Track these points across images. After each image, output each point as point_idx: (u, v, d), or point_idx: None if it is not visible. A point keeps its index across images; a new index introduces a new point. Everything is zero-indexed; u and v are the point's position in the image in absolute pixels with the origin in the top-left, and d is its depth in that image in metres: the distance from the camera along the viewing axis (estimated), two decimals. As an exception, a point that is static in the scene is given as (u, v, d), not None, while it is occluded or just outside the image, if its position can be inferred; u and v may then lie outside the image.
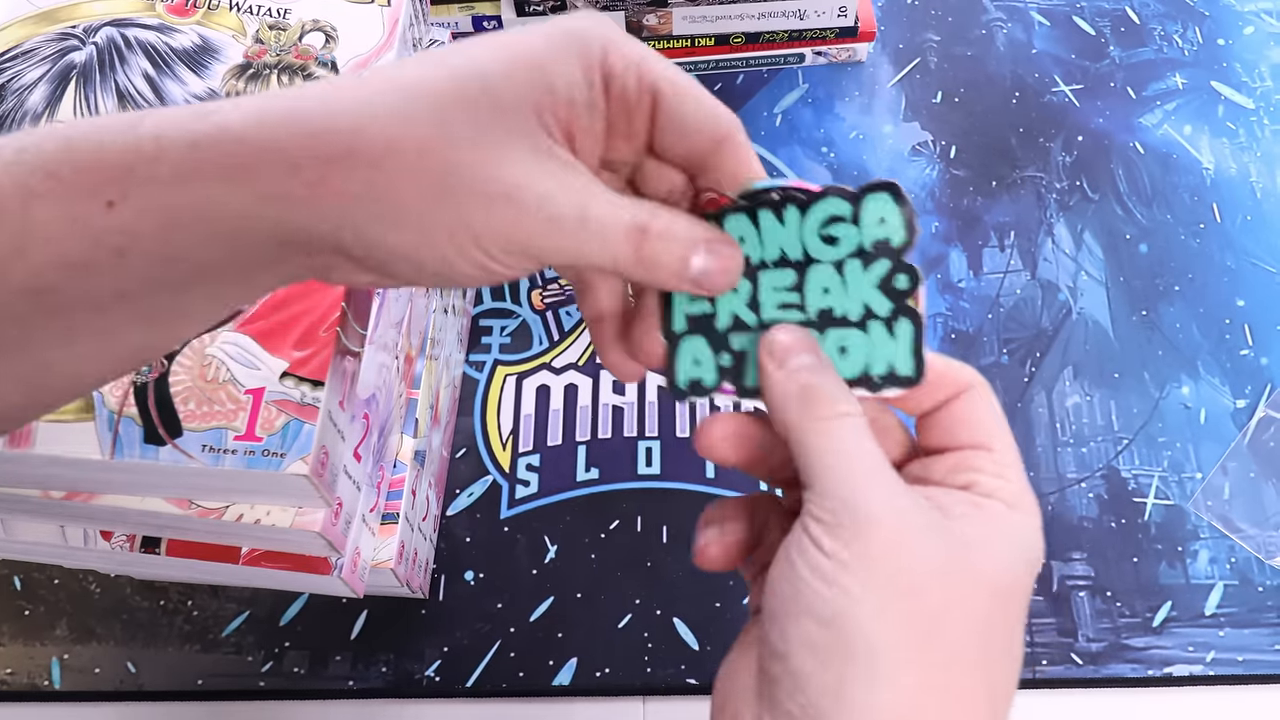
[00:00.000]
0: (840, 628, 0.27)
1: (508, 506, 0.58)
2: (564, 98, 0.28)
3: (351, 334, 0.38)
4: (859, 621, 0.27)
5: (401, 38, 0.43)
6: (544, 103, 0.27)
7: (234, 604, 0.55)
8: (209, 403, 0.35)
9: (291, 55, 0.41)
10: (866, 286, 0.31)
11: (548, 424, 0.60)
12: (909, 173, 0.68)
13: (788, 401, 0.30)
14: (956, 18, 0.74)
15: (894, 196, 0.30)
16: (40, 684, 0.53)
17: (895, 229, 0.30)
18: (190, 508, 0.37)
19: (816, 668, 0.27)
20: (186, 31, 0.41)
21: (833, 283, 0.31)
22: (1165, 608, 0.55)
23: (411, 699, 0.54)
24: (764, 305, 0.31)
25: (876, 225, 0.30)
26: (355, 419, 0.41)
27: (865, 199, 0.30)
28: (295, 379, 0.36)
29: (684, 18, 0.68)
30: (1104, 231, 0.66)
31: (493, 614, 0.55)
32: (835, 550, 0.28)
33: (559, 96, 0.28)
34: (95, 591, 0.55)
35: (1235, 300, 0.64)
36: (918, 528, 0.28)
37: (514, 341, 0.62)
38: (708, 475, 0.58)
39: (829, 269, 0.31)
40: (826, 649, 0.27)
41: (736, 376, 0.32)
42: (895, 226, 0.30)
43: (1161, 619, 0.55)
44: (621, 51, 0.28)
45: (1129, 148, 0.69)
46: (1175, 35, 0.74)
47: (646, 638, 0.54)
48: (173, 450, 0.35)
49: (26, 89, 0.39)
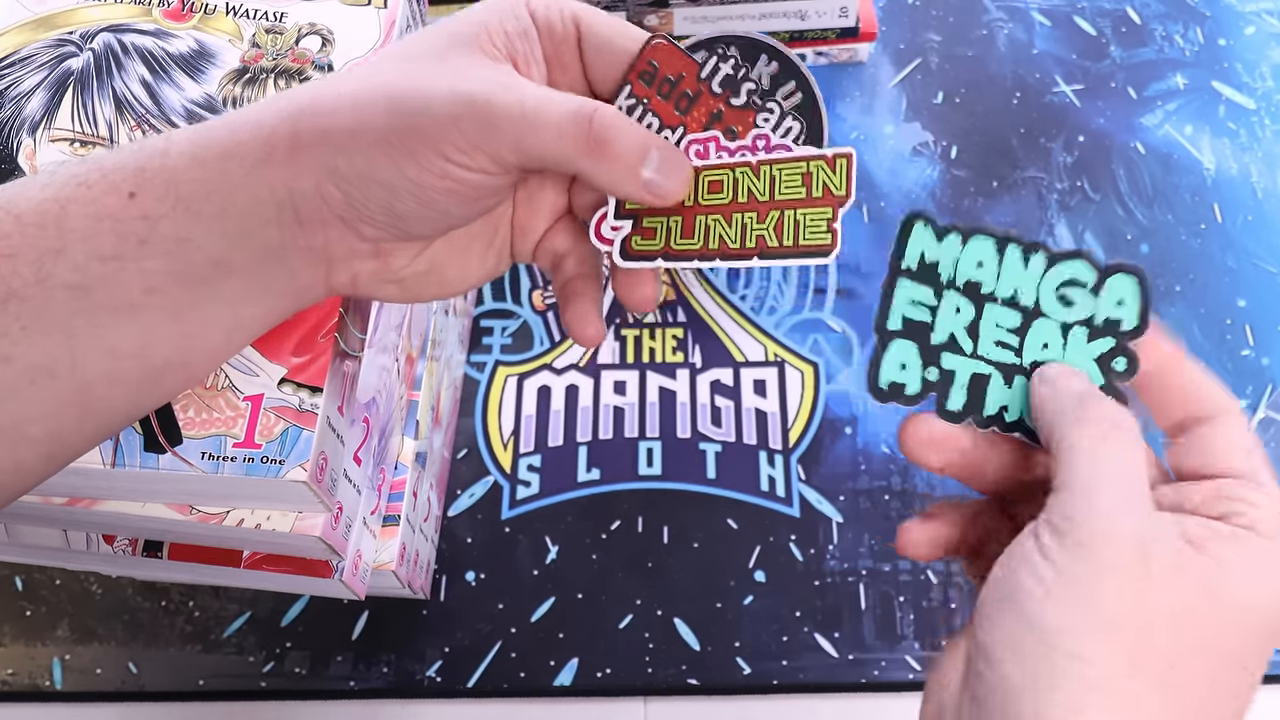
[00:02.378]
0: (1047, 637, 0.27)
1: (509, 507, 0.58)
2: (497, 29, 0.32)
3: (350, 338, 0.38)
4: (1065, 636, 0.27)
5: (399, 40, 0.43)
6: (480, 35, 0.32)
7: (235, 604, 0.55)
8: (208, 410, 0.35)
9: (288, 59, 0.41)
10: (1085, 357, 0.32)
11: (549, 425, 0.60)
12: (909, 173, 0.68)
13: (1063, 405, 0.30)
14: (957, 18, 0.74)
15: (1141, 285, 0.31)
16: (41, 684, 0.54)
17: (1130, 315, 0.31)
18: (191, 513, 0.37)
19: (1017, 671, 0.27)
20: (183, 37, 0.41)
21: (1054, 341, 0.32)
22: (1165, 609, 0.55)
23: (413, 699, 0.54)
24: (983, 337, 0.32)
25: (1114, 305, 0.31)
26: (355, 423, 0.42)
27: (1114, 276, 0.31)
28: (293, 385, 0.36)
29: (685, 18, 0.68)
30: (1105, 232, 0.66)
31: (494, 614, 0.55)
32: (1061, 559, 0.27)
33: (493, 30, 0.32)
34: (97, 592, 0.55)
35: (1236, 301, 0.63)
36: (1164, 562, 0.27)
37: (515, 342, 0.62)
38: (709, 476, 0.58)
39: (1055, 327, 0.32)
40: (1032, 655, 0.27)
41: (942, 395, 0.33)
42: (1131, 313, 0.31)
43: (1161, 620, 0.55)
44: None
45: (1130, 148, 0.69)
46: (1176, 35, 0.73)
47: (648, 638, 0.54)
48: (172, 458, 0.35)
49: (24, 96, 0.39)
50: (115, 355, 0.29)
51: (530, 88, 0.31)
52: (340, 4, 0.42)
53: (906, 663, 0.53)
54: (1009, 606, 0.28)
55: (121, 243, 0.29)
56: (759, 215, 0.33)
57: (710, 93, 0.33)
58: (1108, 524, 0.27)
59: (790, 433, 0.59)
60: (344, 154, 0.30)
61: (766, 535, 0.57)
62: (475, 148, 0.30)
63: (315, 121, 0.30)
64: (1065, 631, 0.27)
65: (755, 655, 0.54)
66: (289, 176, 0.30)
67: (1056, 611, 0.27)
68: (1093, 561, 0.27)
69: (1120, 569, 0.27)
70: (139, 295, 0.29)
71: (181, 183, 0.29)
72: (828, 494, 0.58)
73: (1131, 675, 0.27)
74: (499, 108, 0.30)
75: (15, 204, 0.28)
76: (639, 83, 0.33)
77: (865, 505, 0.58)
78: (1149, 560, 0.27)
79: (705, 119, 0.33)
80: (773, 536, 0.57)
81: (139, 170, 0.29)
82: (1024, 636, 0.27)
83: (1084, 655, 0.26)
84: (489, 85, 0.30)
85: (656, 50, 0.32)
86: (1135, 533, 0.27)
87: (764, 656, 0.54)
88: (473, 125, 0.29)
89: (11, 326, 0.27)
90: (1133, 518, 0.28)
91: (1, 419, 0.28)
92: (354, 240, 0.31)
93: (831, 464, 0.59)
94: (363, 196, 0.30)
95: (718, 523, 0.57)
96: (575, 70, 0.34)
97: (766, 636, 0.54)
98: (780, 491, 0.58)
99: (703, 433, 0.59)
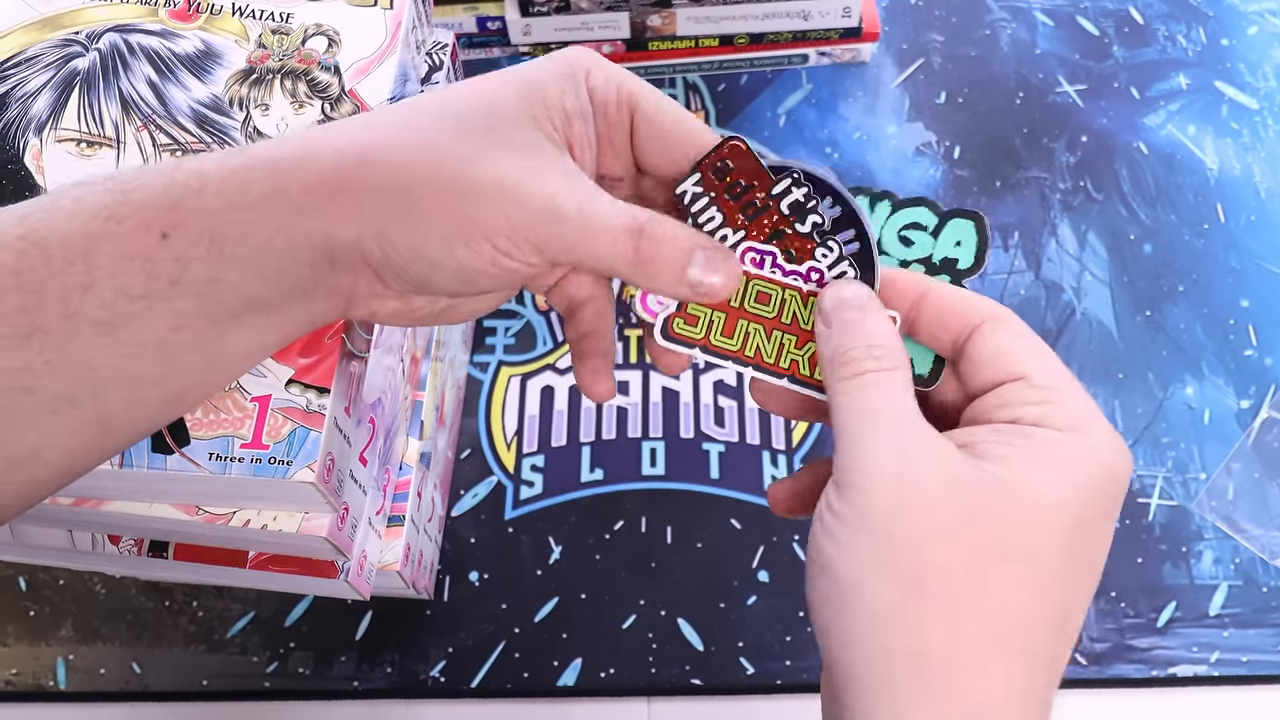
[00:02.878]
0: (839, 580, 0.28)
1: (512, 507, 0.58)
2: (557, 106, 0.31)
3: (357, 339, 0.38)
4: (852, 574, 0.28)
5: (404, 40, 0.43)
6: (540, 113, 0.31)
7: (239, 605, 0.55)
8: (215, 411, 0.35)
9: (294, 60, 0.41)
10: None
11: (552, 425, 0.60)
12: (913, 173, 0.68)
13: (830, 350, 0.31)
14: (960, 18, 0.74)
15: (977, 226, 0.33)
16: (45, 684, 0.54)
17: (967, 255, 0.33)
18: (197, 513, 0.37)
19: (831, 619, 0.29)
20: (189, 37, 0.41)
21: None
22: (1170, 608, 0.55)
23: (416, 699, 0.54)
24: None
25: (952, 245, 0.33)
26: (361, 423, 0.42)
27: (952, 219, 0.33)
28: (301, 386, 0.36)
29: (688, 18, 0.68)
30: (1108, 232, 0.66)
31: (497, 614, 0.55)
32: (840, 509, 0.29)
33: (553, 106, 0.31)
34: (100, 592, 0.55)
35: (1239, 301, 0.64)
36: (928, 484, 0.28)
37: (518, 342, 0.62)
38: (712, 476, 0.58)
39: (894, 264, 0.34)
40: (835, 601, 0.28)
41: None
42: (969, 253, 0.33)
43: (1166, 619, 0.55)
44: (603, 70, 0.32)
45: (1133, 148, 0.69)
46: (1179, 35, 0.73)
47: (651, 638, 0.54)
48: (180, 458, 0.35)
49: (30, 96, 0.39)
50: (137, 383, 0.29)
51: (586, 190, 0.30)
52: (346, 5, 0.42)
53: (910, 663, 0.53)
54: (813, 562, 0.29)
55: (152, 283, 0.28)
56: (798, 340, 0.33)
57: (779, 211, 0.33)
58: (873, 465, 0.28)
59: (793, 432, 0.59)
60: (398, 224, 0.29)
61: (770, 535, 0.57)
62: (528, 243, 0.30)
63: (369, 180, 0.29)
64: (844, 569, 0.28)
65: (759, 655, 0.54)
66: (330, 226, 0.29)
67: (837, 554, 0.28)
68: (858, 501, 0.28)
69: (881, 503, 0.28)
70: (166, 332, 0.29)
71: (217, 226, 0.29)
72: (831, 494, 0.58)
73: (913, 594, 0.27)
74: (560, 212, 0.29)
75: (42, 235, 0.28)
76: (709, 176, 0.32)
77: (869, 505, 0.57)
78: (908, 488, 0.28)
79: (768, 233, 0.33)
80: (776, 536, 0.57)
81: (172, 209, 0.28)
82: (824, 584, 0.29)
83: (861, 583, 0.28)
84: (549, 183, 0.30)
85: (734, 151, 0.32)
86: (894, 466, 0.28)
87: (768, 656, 0.54)
88: (529, 224, 0.29)
89: (35, 361, 0.27)
90: (892, 453, 0.28)
91: (21, 446, 0.28)
92: (381, 288, 0.31)
93: (835, 464, 0.59)
94: (403, 263, 0.30)
95: (721, 523, 0.57)
96: (625, 153, 0.33)
97: (770, 636, 0.54)
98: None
99: (706, 433, 0.59)
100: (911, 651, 0.27)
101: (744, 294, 0.33)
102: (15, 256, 0.27)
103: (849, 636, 0.28)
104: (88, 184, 0.29)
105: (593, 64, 0.32)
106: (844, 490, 0.29)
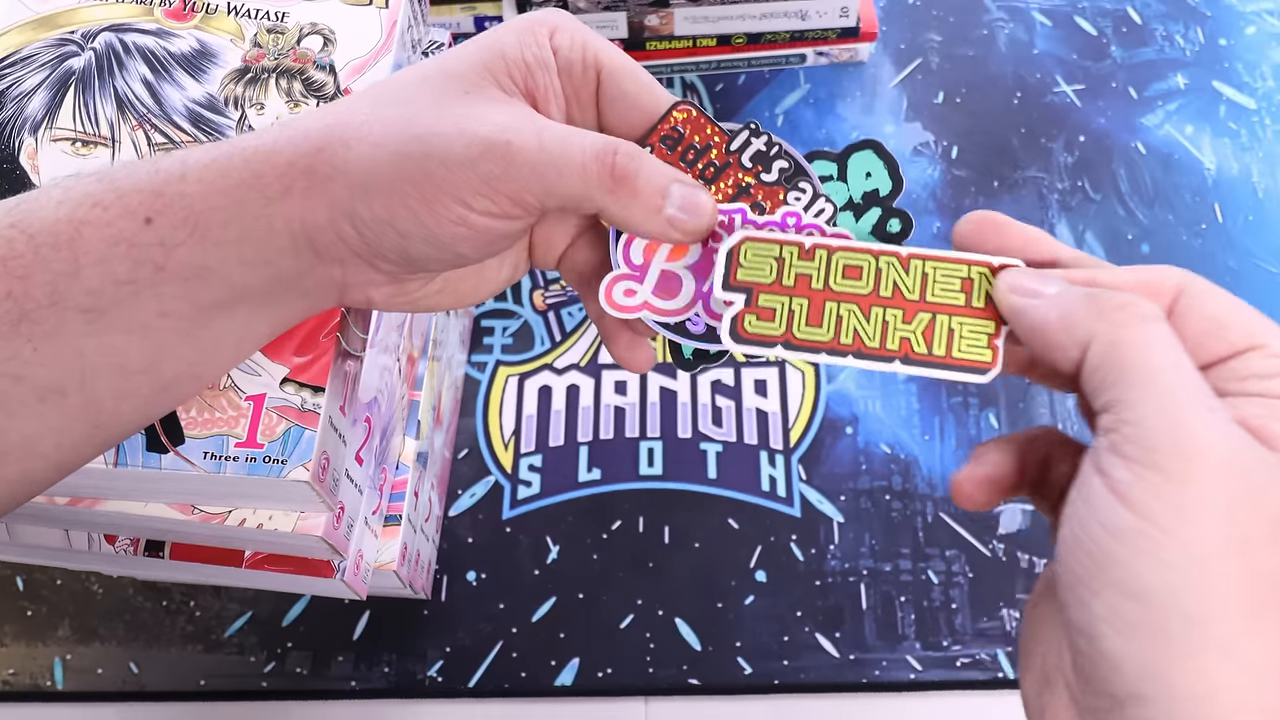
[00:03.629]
0: (1153, 602, 0.22)
1: (510, 507, 0.58)
2: (516, 60, 0.31)
3: (352, 338, 0.38)
4: (1176, 594, 0.22)
5: (400, 40, 0.43)
6: (498, 66, 0.31)
7: (236, 604, 0.55)
8: (210, 410, 0.35)
9: (290, 59, 0.41)
10: (860, 235, 0.33)
11: (549, 425, 0.60)
12: (911, 173, 0.68)
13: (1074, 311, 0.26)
14: (958, 18, 0.74)
15: (876, 152, 0.33)
16: (43, 684, 0.54)
17: (883, 181, 0.33)
18: (193, 513, 0.37)
19: (1130, 649, 0.22)
20: (185, 36, 0.41)
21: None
22: None
23: (414, 699, 0.54)
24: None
25: (864, 179, 0.33)
26: (357, 422, 0.42)
27: (850, 157, 0.33)
28: (295, 385, 0.36)
29: (685, 18, 0.68)
30: (1106, 232, 0.66)
31: (495, 614, 0.55)
32: (1144, 504, 0.22)
33: (511, 60, 0.31)
34: (98, 592, 0.55)
35: (1237, 300, 0.63)
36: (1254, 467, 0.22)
37: (516, 342, 0.62)
38: (710, 476, 0.58)
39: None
40: (1140, 627, 0.22)
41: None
42: (883, 178, 0.33)
43: None
44: (568, 29, 0.32)
45: (1131, 148, 0.69)
46: (1177, 35, 0.73)
47: (649, 638, 0.54)
48: (175, 457, 0.35)
49: (26, 95, 0.39)
50: (125, 372, 0.29)
51: (549, 126, 0.30)
52: (342, 4, 0.42)
53: (908, 663, 0.53)
54: (1095, 577, 0.23)
55: (138, 268, 0.28)
56: (905, 314, 0.30)
57: (740, 165, 0.32)
58: (1193, 443, 0.22)
59: (791, 432, 0.59)
60: (362, 199, 0.29)
61: (767, 535, 0.57)
62: (495, 191, 0.29)
63: (332, 160, 0.29)
64: (1164, 588, 0.22)
65: (756, 655, 0.54)
66: (304, 212, 0.29)
67: (1152, 570, 0.22)
68: (1174, 494, 0.22)
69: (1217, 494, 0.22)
70: (153, 318, 0.29)
71: (199, 210, 0.29)
72: (828, 494, 0.58)
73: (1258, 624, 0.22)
74: (518, 149, 0.29)
75: (30, 223, 0.28)
76: (660, 147, 0.32)
77: (866, 505, 0.58)
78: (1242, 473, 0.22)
79: (732, 191, 0.32)
80: (774, 536, 0.57)
81: (156, 194, 0.29)
82: (1120, 604, 0.22)
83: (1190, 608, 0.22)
84: (506, 126, 0.29)
85: (685, 117, 0.32)
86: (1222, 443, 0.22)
87: (765, 656, 0.54)
88: (491, 169, 0.29)
89: (23, 348, 0.27)
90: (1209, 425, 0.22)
91: (11, 436, 0.28)
92: (370, 272, 0.31)
93: (832, 464, 0.59)
94: (377, 240, 0.30)
95: (719, 523, 0.57)
96: (591, 113, 0.33)
97: (767, 636, 0.54)
98: (781, 491, 0.58)
99: (703, 433, 0.59)
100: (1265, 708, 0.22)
101: (828, 271, 0.30)
102: (3, 244, 0.27)
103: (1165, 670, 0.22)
104: (78, 176, 0.29)
105: (559, 23, 0.32)
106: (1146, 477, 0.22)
